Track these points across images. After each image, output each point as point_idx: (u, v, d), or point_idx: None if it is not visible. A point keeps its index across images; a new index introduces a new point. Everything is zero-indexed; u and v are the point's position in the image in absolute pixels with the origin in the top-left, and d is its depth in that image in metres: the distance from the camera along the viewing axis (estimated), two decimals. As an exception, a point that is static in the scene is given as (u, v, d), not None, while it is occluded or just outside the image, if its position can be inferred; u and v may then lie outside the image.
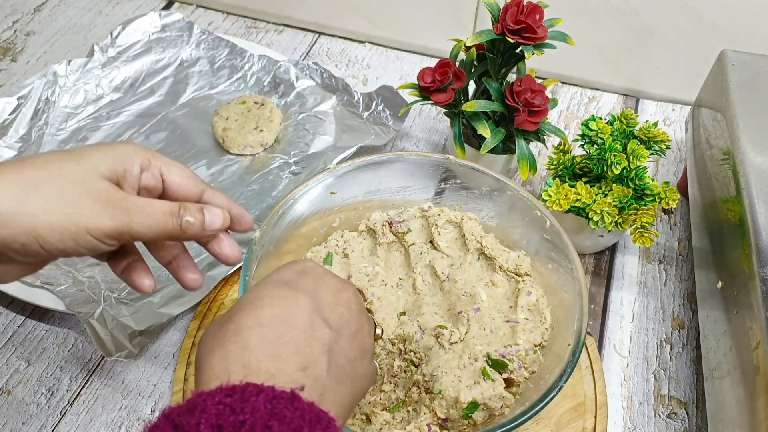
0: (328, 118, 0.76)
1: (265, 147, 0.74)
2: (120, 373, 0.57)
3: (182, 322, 0.60)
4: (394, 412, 0.50)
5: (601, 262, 0.66)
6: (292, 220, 0.55)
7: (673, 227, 0.70)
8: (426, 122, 0.81)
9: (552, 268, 0.53)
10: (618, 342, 0.61)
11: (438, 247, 0.57)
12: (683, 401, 0.57)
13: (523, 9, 0.58)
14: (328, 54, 0.90)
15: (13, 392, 0.56)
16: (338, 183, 0.57)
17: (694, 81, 0.70)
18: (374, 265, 0.56)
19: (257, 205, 0.67)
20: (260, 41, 0.91)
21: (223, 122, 0.74)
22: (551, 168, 0.64)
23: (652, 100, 0.84)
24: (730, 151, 0.54)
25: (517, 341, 0.49)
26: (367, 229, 0.59)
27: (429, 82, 0.62)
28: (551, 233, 0.53)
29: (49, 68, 0.77)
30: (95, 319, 0.56)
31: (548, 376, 0.46)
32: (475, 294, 0.53)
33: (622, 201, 0.58)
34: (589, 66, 0.83)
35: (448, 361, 0.48)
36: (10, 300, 0.61)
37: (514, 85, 0.60)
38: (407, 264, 0.57)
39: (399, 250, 0.59)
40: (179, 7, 0.96)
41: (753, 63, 0.61)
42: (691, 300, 0.64)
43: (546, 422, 0.53)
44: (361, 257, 0.57)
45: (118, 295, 0.58)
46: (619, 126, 0.63)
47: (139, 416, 0.55)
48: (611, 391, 0.57)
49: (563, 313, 0.50)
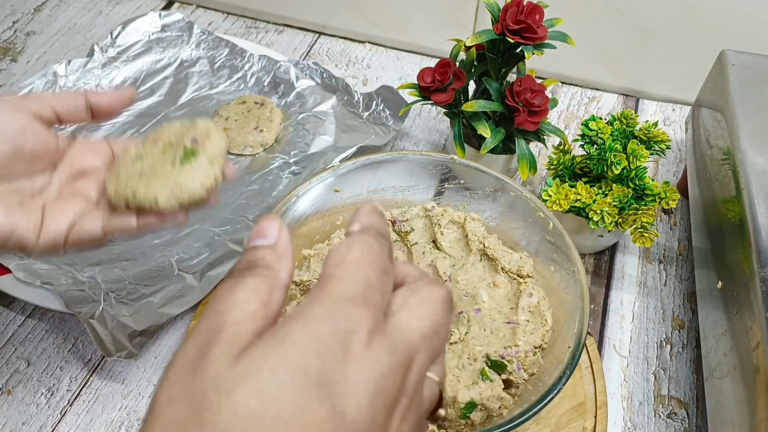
0: (328, 118, 0.76)
1: (265, 147, 0.74)
2: (120, 373, 0.57)
3: (182, 322, 0.61)
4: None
5: (601, 262, 0.66)
6: (293, 219, 0.55)
7: (673, 227, 0.70)
8: (426, 122, 0.81)
9: (554, 270, 0.53)
10: (618, 342, 0.61)
11: (440, 247, 0.57)
12: (683, 401, 0.57)
13: (523, 9, 0.58)
14: (328, 54, 0.90)
15: (13, 392, 0.56)
16: (340, 182, 0.57)
17: (694, 81, 0.70)
18: (375, 265, 0.56)
19: (257, 205, 0.67)
20: (260, 41, 0.91)
21: (223, 122, 0.74)
22: (551, 168, 0.64)
23: (652, 100, 0.84)
24: (730, 151, 0.54)
25: (517, 342, 0.49)
26: (369, 229, 0.59)
27: (429, 82, 0.62)
28: (554, 235, 0.53)
29: (49, 68, 0.77)
30: (95, 319, 0.56)
31: (547, 378, 0.46)
32: (476, 295, 0.53)
33: (622, 201, 0.58)
34: (589, 66, 0.83)
35: (447, 361, 0.48)
36: (10, 300, 0.61)
37: (514, 85, 0.60)
38: (409, 263, 0.57)
39: (401, 250, 0.59)
40: (179, 7, 0.96)
41: (753, 63, 0.61)
42: (691, 300, 0.64)
43: (546, 422, 0.53)
44: (363, 256, 0.57)
45: (118, 295, 0.58)
46: (619, 126, 0.63)
47: (139, 416, 0.55)
48: (611, 391, 0.57)
49: (564, 315, 0.50)
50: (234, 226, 0.64)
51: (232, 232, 0.64)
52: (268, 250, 0.26)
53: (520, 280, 0.54)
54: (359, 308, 0.24)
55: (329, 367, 0.22)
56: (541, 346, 0.50)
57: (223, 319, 0.24)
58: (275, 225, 0.27)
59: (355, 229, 0.28)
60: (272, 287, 0.25)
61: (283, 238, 0.27)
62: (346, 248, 0.27)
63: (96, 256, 0.63)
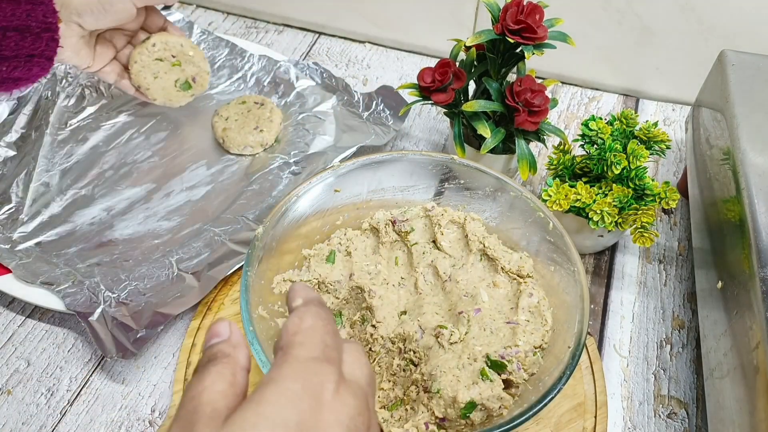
0: (328, 118, 0.76)
1: (265, 147, 0.74)
2: (120, 373, 0.57)
3: (182, 322, 0.61)
4: (392, 410, 0.50)
5: (601, 262, 0.66)
6: (293, 218, 0.55)
7: (673, 227, 0.70)
8: (426, 122, 0.81)
9: (554, 270, 0.53)
10: (618, 342, 0.61)
11: (441, 247, 0.57)
12: (683, 401, 0.57)
13: (523, 9, 0.58)
14: (328, 54, 0.90)
15: (13, 392, 0.56)
16: (340, 182, 0.57)
17: (694, 81, 0.70)
18: (376, 264, 0.56)
19: (257, 205, 0.67)
20: (260, 41, 0.91)
21: (223, 122, 0.74)
22: (551, 168, 0.64)
23: (652, 100, 0.84)
24: (730, 151, 0.54)
25: (517, 342, 0.49)
26: (370, 228, 0.59)
27: (429, 82, 0.62)
28: (554, 235, 0.53)
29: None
30: (95, 319, 0.56)
31: (547, 378, 0.46)
32: (476, 295, 0.53)
33: (622, 201, 0.58)
34: (589, 66, 0.83)
35: (447, 360, 0.48)
36: (10, 300, 0.61)
37: (514, 85, 0.60)
38: (409, 263, 0.57)
39: (402, 250, 0.59)
40: (179, 7, 0.96)
41: (753, 63, 0.61)
42: (691, 300, 0.64)
43: (546, 422, 0.53)
44: (364, 255, 0.57)
45: (118, 295, 0.58)
46: (619, 126, 0.63)
47: (139, 416, 0.55)
48: (611, 391, 0.57)
49: (564, 315, 0.50)
50: (234, 226, 0.64)
51: (232, 232, 0.64)
52: (224, 344, 0.31)
53: (520, 280, 0.54)
54: (324, 364, 0.29)
55: (306, 416, 0.26)
56: (541, 346, 0.50)
57: (198, 401, 0.27)
58: (225, 324, 0.32)
59: (299, 303, 0.33)
60: (234, 370, 0.29)
61: (235, 332, 0.31)
62: (299, 319, 0.31)
63: (96, 256, 0.63)
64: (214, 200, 0.68)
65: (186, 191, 0.69)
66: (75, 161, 0.71)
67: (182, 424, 0.27)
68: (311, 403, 0.27)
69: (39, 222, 0.65)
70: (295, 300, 0.33)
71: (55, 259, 0.62)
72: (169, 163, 0.72)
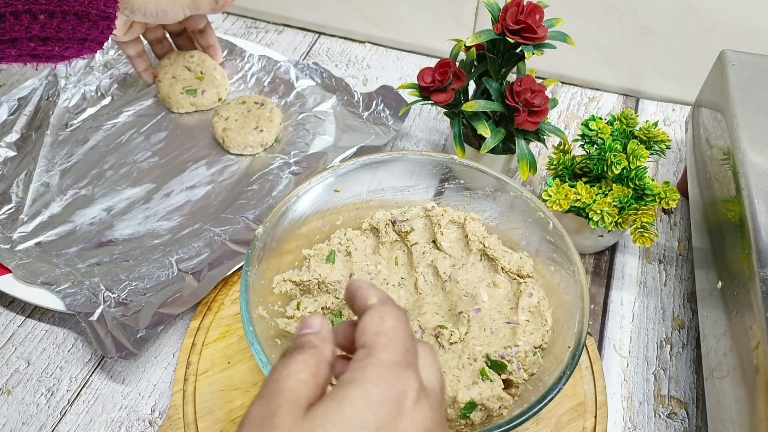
0: (328, 118, 0.76)
1: (265, 147, 0.74)
2: (120, 373, 0.57)
3: (182, 322, 0.61)
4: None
5: (601, 262, 0.66)
6: (293, 218, 0.55)
7: (673, 227, 0.70)
8: (426, 122, 0.81)
9: (554, 270, 0.53)
10: (618, 342, 0.61)
11: (440, 247, 0.57)
12: (683, 401, 0.57)
13: (523, 9, 0.58)
14: (328, 54, 0.90)
15: (13, 392, 0.56)
16: (340, 182, 0.57)
17: (694, 81, 0.70)
18: (376, 264, 0.56)
19: (257, 205, 0.67)
20: (260, 41, 0.91)
21: (223, 122, 0.74)
22: (551, 168, 0.64)
23: (652, 100, 0.84)
24: (730, 151, 0.54)
25: (517, 343, 0.49)
26: (371, 228, 0.59)
27: (429, 82, 0.62)
28: (554, 235, 0.53)
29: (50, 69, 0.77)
30: (95, 319, 0.56)
31: (547, 378, 0.46)
32: (476, 295, 0.53)
33: (622, 201, 0.58)
34: (589, 66, 0.83)
35: (447, 360, 0.49)
36: (10, 300, 0.61)
37: (514, 85, 0.60)
38: (409, 263, 0.57)
39: (402, 250, 0.59)
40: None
41: (753, 63, 0.61)
42: (691, 300, 0.64)
43: (546, 422, 0.53)
44: (364, 255, 0.57)
45: (118, 296, 0.58)
46: (619, 126, 0.63)
47: (139, 416, 0.55)
48: (611, 391, 0.57)
49: (564, 315, 0.50)
50: (234, 226, 0.64)
51: (232, 232, 0.64)
52: (314, 335, 0.32)
53: (520, 280, 0.54)
54: (406, 370, 0.29)
55: (385, 423, 0.27)
56: (541, 346, 0.50)
57: (281, 386, 0.28)
58: (318, 318, 0.33)
59: (374, 302, 0.33)
60: (318, 361, 0.30)
61: (325, 327, 0.32)
62: (380, 319, 0.31)
63: (96, 256, 0.63)
64: (214, 200, 0.68)
65: (186, 191, 0.69)
66: (75, 161, 0.71)
67: (264, 404, 0.28)
68: (391, 409, 0.28)
69: (39, 222, 0.65)
70: (370, 298, 0.33)
71: (55, 259, 0.62)
72: (169, 163, 0.72)
